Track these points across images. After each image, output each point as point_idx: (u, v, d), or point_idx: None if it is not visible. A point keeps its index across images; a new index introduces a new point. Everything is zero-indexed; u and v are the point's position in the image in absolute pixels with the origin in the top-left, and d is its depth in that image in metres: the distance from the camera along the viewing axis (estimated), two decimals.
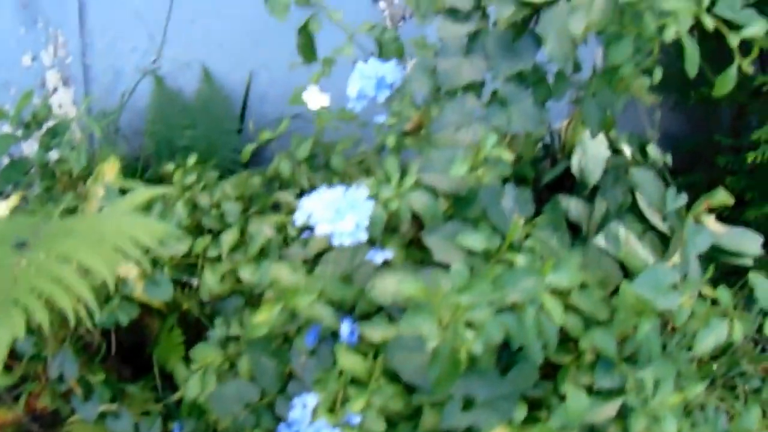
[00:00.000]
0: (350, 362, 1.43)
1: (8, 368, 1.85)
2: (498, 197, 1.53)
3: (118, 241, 1.40)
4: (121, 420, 1.79)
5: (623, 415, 1.44)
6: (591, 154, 1.87)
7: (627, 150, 1.96)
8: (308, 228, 1.45)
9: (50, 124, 2.19)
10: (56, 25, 2.47)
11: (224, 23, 2.43)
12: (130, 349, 1.91)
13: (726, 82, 1.41)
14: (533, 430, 1.38)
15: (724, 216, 1.78)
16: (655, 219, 1.81)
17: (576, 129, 1.93)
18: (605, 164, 1.87)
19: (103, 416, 1.79)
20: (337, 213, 1.39)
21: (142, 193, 1.62)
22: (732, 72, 1.41)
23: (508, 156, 1.45)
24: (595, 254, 1.80)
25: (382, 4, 2.38)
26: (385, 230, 1.56)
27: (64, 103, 2.54)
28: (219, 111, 2.42)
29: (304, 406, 1.42)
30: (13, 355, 1.85)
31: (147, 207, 1.78)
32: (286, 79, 2.34)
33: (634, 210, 1.85)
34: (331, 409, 1.42)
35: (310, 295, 1.45)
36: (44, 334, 1.80)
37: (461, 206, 1.55)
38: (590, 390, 1.44)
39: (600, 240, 1.81)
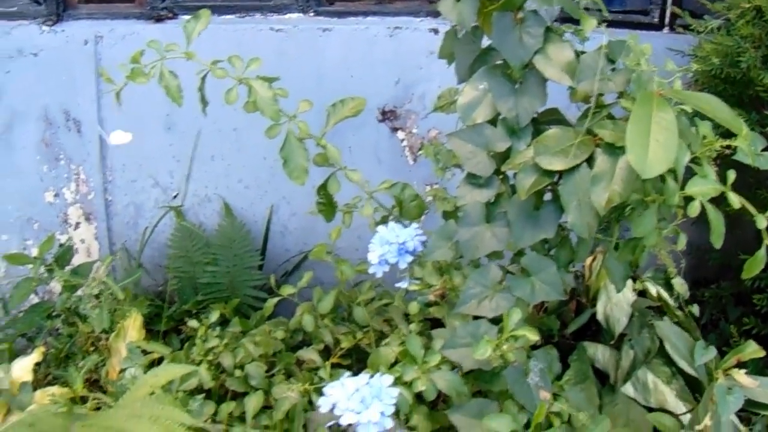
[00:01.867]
0: None
1: None
2: (523, 375, 1.51)
3: None
4: None
5: None
6: (616, 301, 1.86)
7: (652, 290, 1.94)
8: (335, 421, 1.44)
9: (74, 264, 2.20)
10: (78, 162, 2.49)
11: (244, 158, 2.44)
12: None
13: (755, 266, 1.40)
14: None
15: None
16: (683, 364, 1.80)
17: (600, 272, 1.92)
18: (631, 309, 1.85)
19: None
20: (362, 403, 1.37)
21: (165, 373, 1.61)
22: (761, 255, 1.40)
23: (533, 336, 1.43)
24: (624, 405, 1.79)
25: (400, 134, 2.39)
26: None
27: (86, 238, 2.55)
28: (240, 246, 2.42)
29: None
30: None
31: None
32: (306, 212, 2.36)
33: (662, 353, 1.84)
34: None
35: None
36: None
37: (485, 381, 1.54)
38: None
39: (629, 389, 1.80)
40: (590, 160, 1.48)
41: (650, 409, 1.77)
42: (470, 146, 1.60)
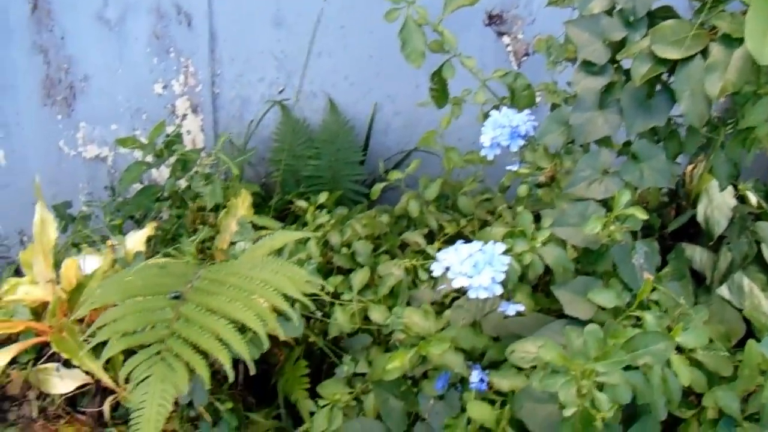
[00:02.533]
0: (479, 411, 1.46)
1: None
2: (629, 255, 1.54)
3: (267, 295, 1.46)
4: None
5: None
6: (717, 204, 1.87)
7: (753, 198, 1.95)
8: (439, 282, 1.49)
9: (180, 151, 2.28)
10: (187, 55, 2.56)
11: (350, 56, 2.48)
12: (255, 378, 1.97)
13: None
14: None
15: None
16: None
17: (702, 177, 1.94)
18: (731, 213, 1.87)
19: None
20: (475, 267, 1.42)
21: (281, 236, 1.67)
22: None
23: (642, 215, 1.47)
24: (718, 305, 1.81)
25: (506, 39, 2.41)
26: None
27: (192, 129, 2.63)
28: (343, 142, 2.47)
29: None
30: None
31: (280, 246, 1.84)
32: (410, 111, 2.41)
33: (759, 261, 1.85)
34: None
35: (444, 344, 1.49)
36: None
37: (592, 260, 1.57)
38: None
39: (724, 291, 1.82)
40: (704, 53, 1.51)
41: (740, 310, 1.80)
42: (587, 35, 1.63)
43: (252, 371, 1.48)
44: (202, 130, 2.63)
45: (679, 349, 1.41)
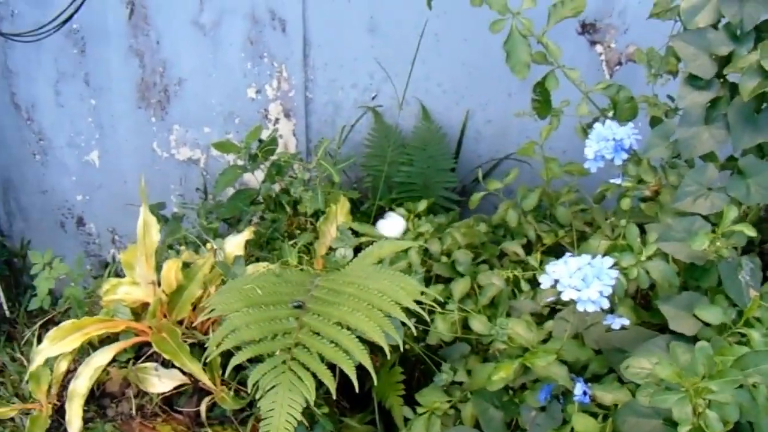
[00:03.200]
0: (584, 423, 1.47)
1: (238, 393, 1.95)
2: (735, 271, 1.54)
3: (384, 305, 1.48)
4: None
5: None
6: None
7: None
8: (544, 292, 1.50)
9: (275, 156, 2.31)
10: (281, 61, 2.59)
11: (443, 63, 2.49)
12: (351, 383, 1.99)
13: None
14: None
15: None
16: None
17: None
18: None
19: None
20: (584, 281, 1.43)
21: (390, 245, 1.70)
22: None
23: (750, 232, 1.47)
24: None
25: (598, 48, 2.41)
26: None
27: (284, 134, 2.66)
28: (435, 149, 2.49)
29: None
30: (243, 382, 1.96)
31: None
32: (501, 120, 2.42)
33: None
34: None
35: (549, 356, 1.50)
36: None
37: (696, 276, 1.58)
38: None
39: None
40: None
41: None
42: (692, 48, 1.63)
43: (355, 384, 1.49)
44: (294, 135, 2.66)
45: None
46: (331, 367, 1.93)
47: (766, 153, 1.63)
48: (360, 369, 1.98)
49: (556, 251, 1.92)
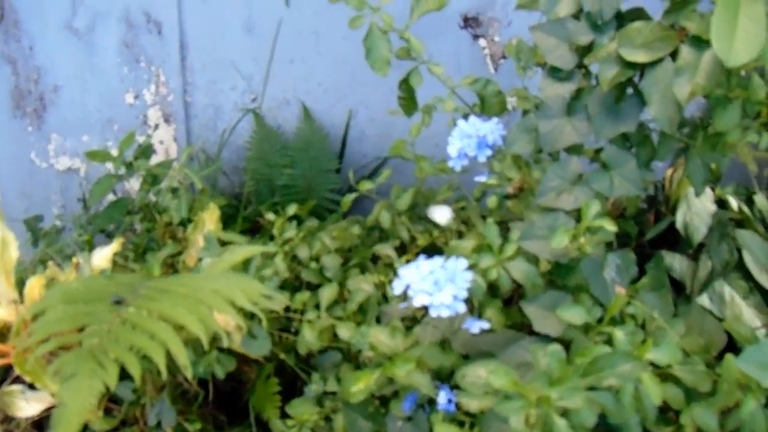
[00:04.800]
0: None
1: (108, 412, 1.88)
2: (600, 268, 1.50)
3: (214, 302, 1.40)
4: None
5: None
6: (696, 210, 1.83)
7: (734, 203, 1.91)
8: (406, 299, 1.44)
9: (152, 163, 2.22)
10: (158, 64, 2.51)
11: (323, 61, 2.43)
12: (227, 395, 1.93)
13: None
14: None
15: None
16: (762, 278, 1.77)
17: (681, 182, 1.89)
18: (711, 220, 1.82)
19: None
20: (436, 285, 1.37)
21: (242, 251, 1.62)
22: None
23: (611, 227, 1.42)
24: (698, 315, 1.77)
25: (482, 42, 2.36)
26: (486, 295, 1.55)
27: (165, 139, 2.58)
28: (318, 150, 2.42)
29: None
30: (114, 399, 1.88)
31: (246, 260, 1.79)
32: (385, 118, 2.36)
33: (741, 267, 1.81)
34: None
35: (409, 364, 1.44)
36: (143, 382, 1.82)
37: (562, 274, 1.52)
38: None
39: (704, 300, 1.78)
40: (674, 55, 1.46)
41: (721, 320, 1.75)
42: (553, 39, 1.57)
43: (189, 375, 1.41)
44: (175, 140, 2.58)
45: (655, 366, 1.36)
46: (203, 383, 1.88)
47: (632, 143, 1.58)
48: (235, 381, 1.92)
49: (432, 252, 1.85)
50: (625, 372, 1.28)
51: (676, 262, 1.81)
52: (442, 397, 1.45)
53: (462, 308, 1.39)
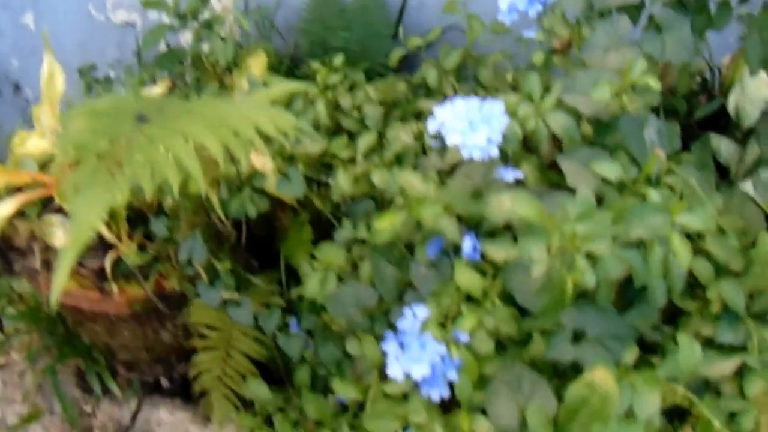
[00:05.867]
0: (467, 279, 1.40)
1: (142, 248, 1.90)
2: (640, 127, 1.46)
3: (239, 126, 1.38)
4: (243, 309, 1.82)
5: (741, 374, 1.38)
6: (749, 94, 1.78)
7: None
8: (440, 138, 1.42)
9: (206, 16, 2.21)
10: None
11: None
12: (260, 241, 1.94)
13: None
14: (638, 375, 1.31)
15: None
16: None
17: (737, 65, 1.84)
18: (764, 106, 1.77)
19: (225, 304, 1.82)
20: (470, 125, 1.36)
21: (281, 86, 1.61)
22: None
23: (655, 84, 1.38)
24: (740, 200, 1.72)
25: None
26: (524, 149, 1.53)
27: None
28: (375, 15, 2.38)
29: (414, 316, 1.41)
30: (148, 236, 1.90)
31: (287, 103, 1.78)
32: None
33: None
34: (442, 324, 1.40)
35: (436, 206, 1.42)
36: (178, 219, 1.84)
37: (602, 132, 1.49)
38: (710, 343, 1.38)
39: (748, 186, 1.73)
40: None
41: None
42: None
43: (202, 189, 1.39)
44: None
45: (688, 237, 1.33)
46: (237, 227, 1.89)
47: (688, 9, 1.53)
48: (270, 227, 1.92)
49: None
50: (654, 225, 1.26)
51: (723, 145, 1.76)
52: (467, 244, 1.44)
53: (495, 152, 1.37)
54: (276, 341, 1.83)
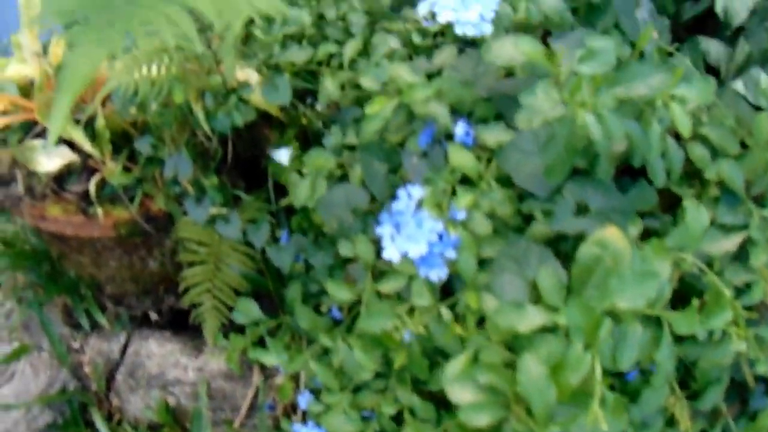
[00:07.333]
0: (462, 159, 1.38)
1: (127, 169, 1.87)
2: (632, 7, 1.45)
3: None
4: (231, 225, 1.79)
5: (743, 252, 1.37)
6: None
7: None
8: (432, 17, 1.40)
9: None
10: None
11: None
12: (247, 162, 1.91)
13: None
14: (647, 245, 1.29)
15: None
16: None
17: None
18: (752, 5, 1.76)
19: (213, 220, 1.80)
20: (462, 2, 1.33)
21: None
22: None
23: None
24: (732, 99, 1.71)
25: None
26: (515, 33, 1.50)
27: None
28: None
29: (408, 196, 1.38)
30: (132, 157, 1.87)
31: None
32: None
33: None
34: (438, 205, 1.37)
35: (426, 90, 1.40)
36: (162, 137, 1.81)
37: (593, 15, 1.48)
38: (712, 224, 1.37)
39: (738, 85, 1.72)
40: None
41: (758, 108, 1.70)
42: None
43: (198, 48, 1.35)
44: None
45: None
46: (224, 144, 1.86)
47: None
48: (256, 148, 1.90)
49: None
50: (655, 84, 1.24)
51: (712, 46, 1.75)
52: (460, 129, 1.42)
53: (488, 29, 1.35)
54: (266, 256, 1.80)
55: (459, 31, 1.34)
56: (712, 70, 1.77)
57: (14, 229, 2.27)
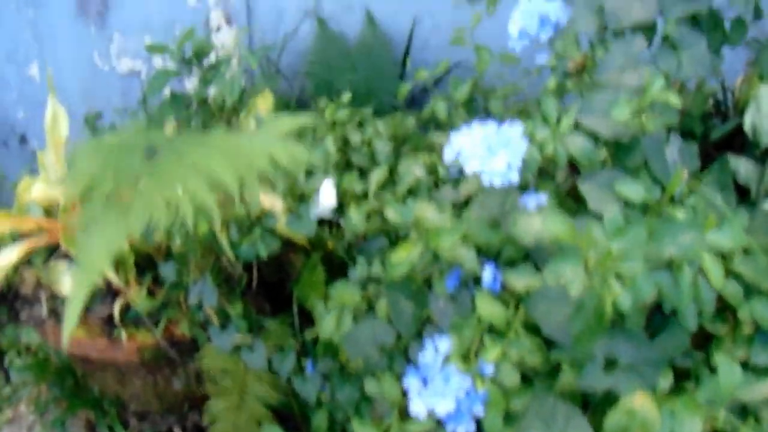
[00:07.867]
0: (489, 309, 1.35)
1: (151, 293, 1.86)
2: (662, 147, 1.42)
3: (254, 157, 1.34)
4: (256, 353, 1.77)
5: None
6: (766, 112, 1.74)
7: None
8: (458, 167, 1.38)
9: (212, 61, 2.19)
10: None
11: None
12: (272, 285, 1.89)
13: None
14: (677, 400, 1.26)
15: None
16: None
17: (751, 82, 1.80)
18: None
19: (238, 348, 1.77)
20: (489, 150, 1.32)
21: (291, 120, 1.57)
22: None
23: (675, 101, 1.35)
24: (763, 220, 1.68)
25: None
26: (540, 176, 1.49)
27: (226, 42, 2.54)
28: (380, 56, 2.36)
29: (435, 349, 1.35)
30: (156, 281, 1.86)
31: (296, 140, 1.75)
32: (449, 27, 2.27)
33: None
34: (465, 357, 1.35)
35: (453, 236, 1.38)
36: (187, 262, 1.80)
37: (621, 154, 1.45)
38: (745, 366, 1.33)
39: None
40: None
41: None
42: None
43: (217, 224, 1.34)
44: (236, 44, 2.54)
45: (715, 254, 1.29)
46: (248, 270, 1.84)
47: (702, 28, 1.50)
48: (282, 271, 1.88)
49: None
50: (685, 243, 1.21)
51: (741, 165, 1.72)
52: (488, 274, 1.39)
53: (515, 178, 1.33)
54: (291, 385, 1.78)
55: (486, 181, 1.32)
56: (741, 189, 1.74)
57: (39, 342, 2.25)
